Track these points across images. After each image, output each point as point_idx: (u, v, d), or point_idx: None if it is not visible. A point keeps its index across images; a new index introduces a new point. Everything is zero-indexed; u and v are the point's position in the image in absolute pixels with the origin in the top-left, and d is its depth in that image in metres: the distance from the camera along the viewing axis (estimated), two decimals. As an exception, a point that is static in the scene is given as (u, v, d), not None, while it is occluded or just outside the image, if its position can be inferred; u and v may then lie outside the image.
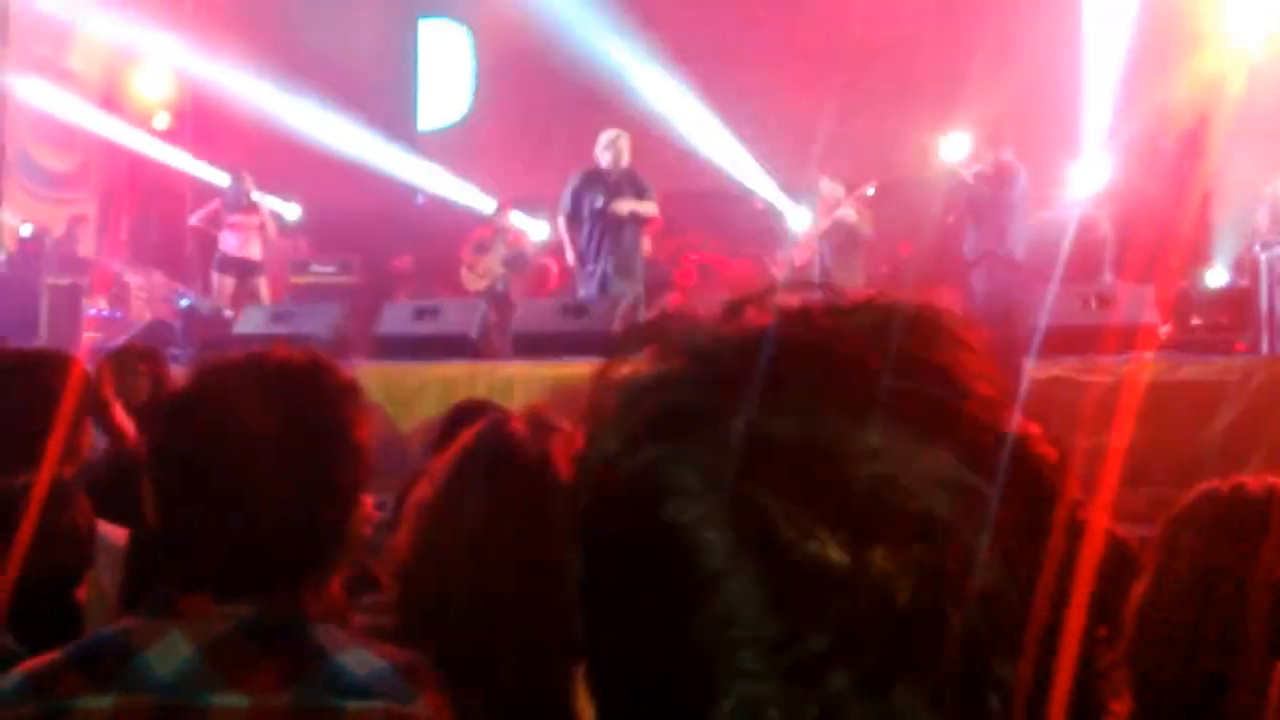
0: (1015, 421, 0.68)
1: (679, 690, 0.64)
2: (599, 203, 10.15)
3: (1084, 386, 7.17)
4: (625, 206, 10.10)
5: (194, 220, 12.95)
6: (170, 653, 1.58)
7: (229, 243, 12.23)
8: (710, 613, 0.62)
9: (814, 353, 0.68)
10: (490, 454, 1.87)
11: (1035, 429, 0.69)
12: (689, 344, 0.71)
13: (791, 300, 0.73)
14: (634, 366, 0.72)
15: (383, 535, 2.34)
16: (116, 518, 2.80)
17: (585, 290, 10.35)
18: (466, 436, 1.93)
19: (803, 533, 0.61)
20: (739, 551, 0.62)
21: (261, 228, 12.29)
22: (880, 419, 0.64)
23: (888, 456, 0.63)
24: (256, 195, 12.47)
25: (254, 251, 12.29)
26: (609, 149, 10.22)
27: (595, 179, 10.28)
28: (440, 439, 3.87)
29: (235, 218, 12.23)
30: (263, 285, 12.40)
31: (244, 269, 12.26)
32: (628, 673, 0.68)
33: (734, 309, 0.72)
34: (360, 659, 1.61)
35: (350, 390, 1.72)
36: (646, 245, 11.89)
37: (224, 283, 12.23)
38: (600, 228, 10.22)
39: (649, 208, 10.23)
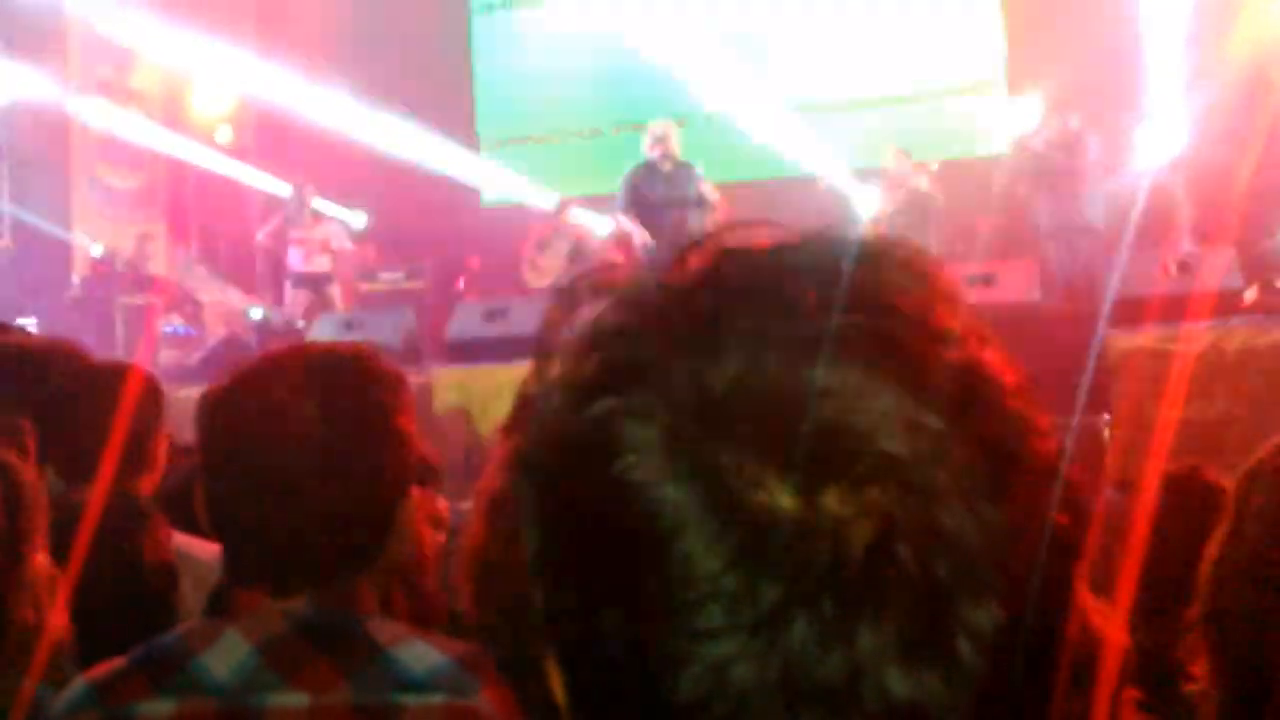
0: (971, 350, 0.66)
1: (644, 657, 0.62)
2: (656, 195, 10.14)
3: (1171, 356, 7.06)
4: (704, 188, 10.11)
5: (260, 237, 13.02)
6: (228, 654, 1.59)
7: (295, 258, 12.32)
8: (667, 572, 0.61)
9: (757, 291, 0.66)
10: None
11: (995, 354, 0.67)
12: (633, 293, 0.69)
13: (737, 240, 0.70)
14: (580, 319, 0.71)
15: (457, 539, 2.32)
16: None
17: None
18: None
19: (751, 481, 0.60)
20: (691, 506, 0.60)
21: (327, 240, 12.34)
22: (827, 356, 0.62)
23: (837, 396, 0.61)
24: (319, 206, 12.54)
25: (322, 264, 12.35)
26: (658, 143, 10.22)
27: (650, 172, 10.28)
28: (509, 428, 3.90)
29: (299, 232, 12.31)
30: (336, 295, 12.48)
31: (315, 282, 12.33)
32: (590, 642, 0.66)
33: (679, 256, 0.71)
34: (418, 653, 1.60)
35: (392, 378, 1.71)
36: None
37: (297, 297, 12.32)
38: (659, 221, 10.19)
39: (711, 193, 10.20)
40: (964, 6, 13.42)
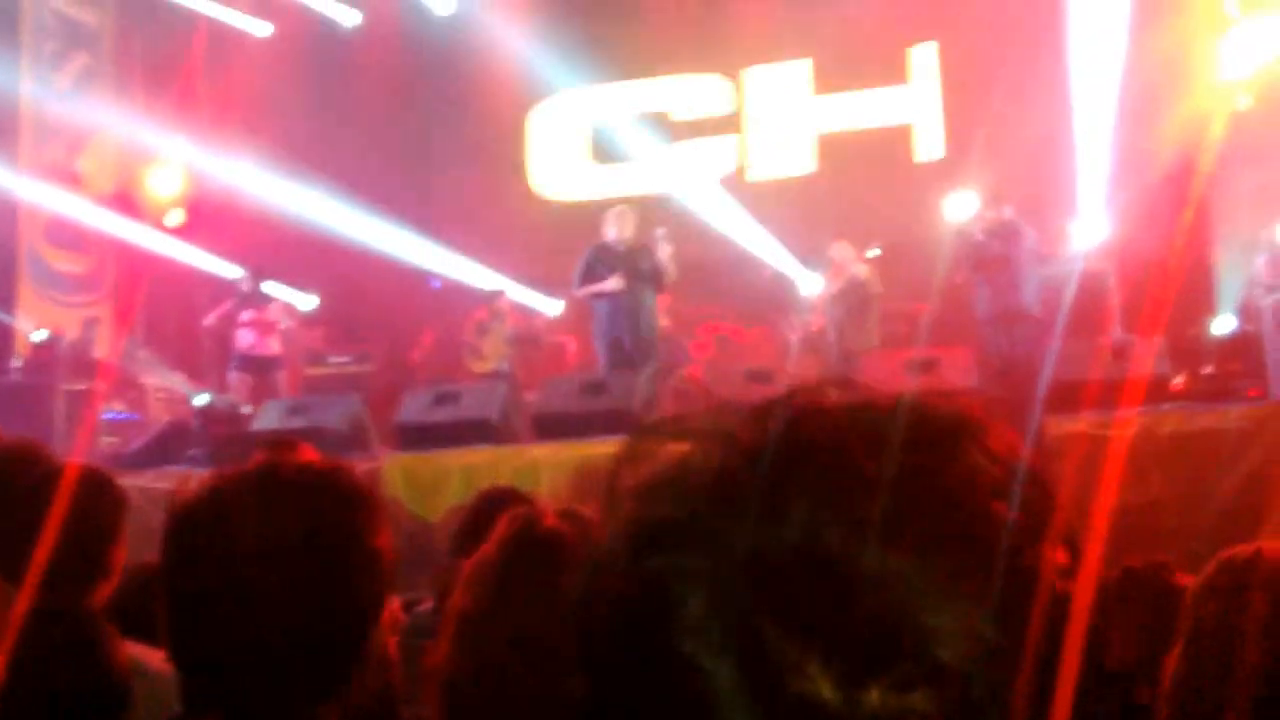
0: (1037, 549, 0.66)
1: None
2: (609, 277, 10.36)
3: (1101, 440, 7.26)
4: (662, 254, 10.34)
5: (209, 321, 12.97)
6: None
7: (245, 340, 12.32)
8: None
9: (822, 463, 0.65)
10: (534, 555, 1.80)
11: (1059, 557, 0.67)
12: (701, 447, 0.69)
13: (808, 399, 0.70)
14: (647, 466, 0.71)
15: (412, 639, 2.29)
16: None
17: (601, 366, 10.53)
18: (500, 536, 1.86)
19: (795, 665, 0.59)
20: (734, 685, 0.60)
21: (276, 323, 12.39)
22: (887, 541, 0.61)
23: (892, 586, 0.60)
24: (269, 290, 12.60)
25: (271, 347, 12.38)
26: (614, 223, 10.46)
27: (604, 253, 10.50)
28: (467, 534, 3.72)
29: (249, 314, 12.33)
30: (281, 380, 12.50)
31: (262, 366, 12.34)
32: None
33: (760, 412, 0.70)
34: None
35: (366, 496, 1.65)
36: (665, 320, 12.11)
37: (242, 381, 12.29)
38: (613, 303, 10.41)
39: (671, 268, 10.43)
40: (906, 96, 13.85)
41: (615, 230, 10.50)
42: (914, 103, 13.86)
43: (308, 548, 1.56)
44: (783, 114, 14.42)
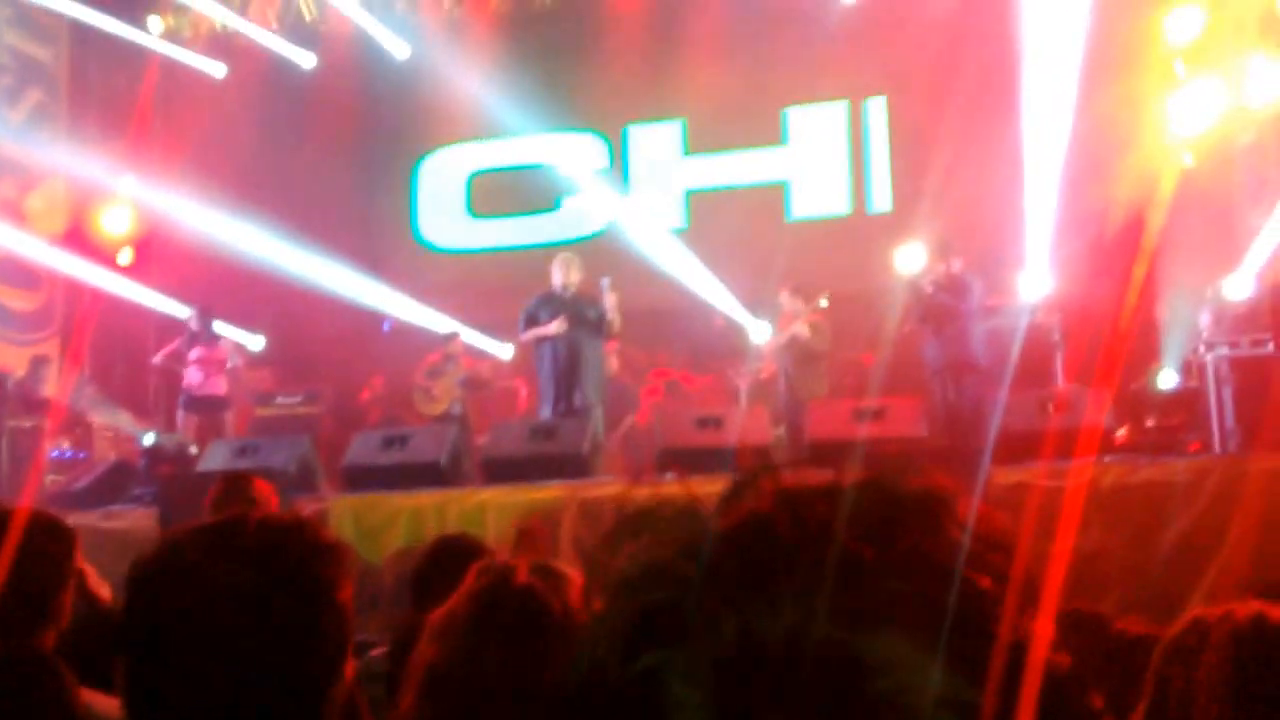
0: (1029, 625, 0.66)
1: None
2: (554, 322, 10.43)
3: (1048, 491, 7.34)
4: (608, 303, 10.40)
5: (157, 360, 12.97)
6: None
7: (193, 379, 12.28)
8: None
9: (811, 546, 0.65)
10: (508, 611, 1.77)
11: (1047, 631, 0.67)
12: (682, 535, 0.69)
13: (789, 483, 0.70)
14: (626, 558, 0.70)
15: (364, 685, 2.26)
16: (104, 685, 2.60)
17: (546, 411, 10.54)
18: (471, 590, 1.83)
19: None
20: None
21: (224, 362, 12.35)
22: (881, 625, 0.61)
23: (889, 672, 0.60)
24: (218, 329, 12.56)
25: (219, 387, 12.36)
26: (559, 269, 10.56)
27: (548, 300, 10.59)
28: (422, 581, 3.78)
29: (198, 353, 12.30)
30: (229, 420, 12.44)
31: (209, 405, 12.31)
32: None
33: (732, 494, 0.71)
34: None
35: (334, 550, 1.63)
36: (614, 364, 12.16)
37: (189, 420, 12.25)
38: (555, 348, 10.47)
39: (614, 318, 10.48)
40: (857, 146, 14.05)
41: (561, 276, 10.60)
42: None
43: (274, 601, 1.54)
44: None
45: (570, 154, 14.66)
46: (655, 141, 14.76)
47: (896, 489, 0.69)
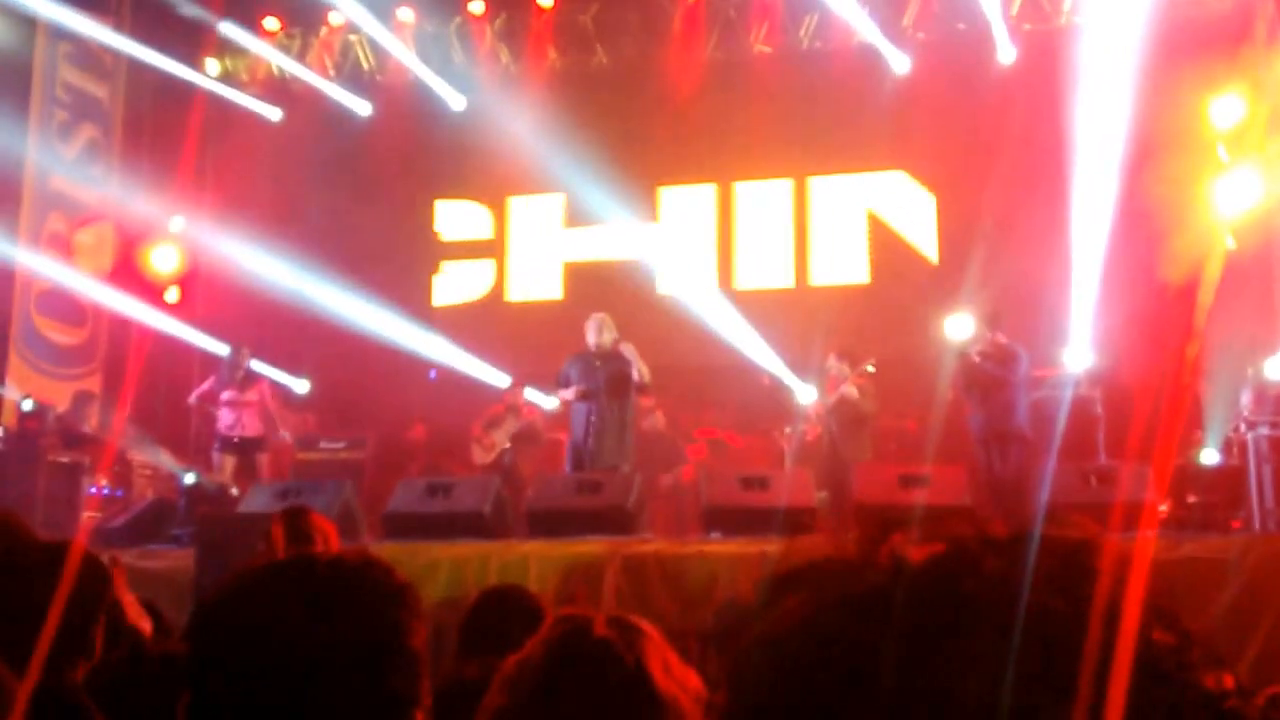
0: (1212, 672, 0.67)
1: None
2: (585, 379, 10.68)
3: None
4: (627, 355, 10.60)
5: (192, 399, 13.11)
6: None
7: (225, 420, 12.38)
8: None
9: (994, 603, 0.63)
10: (583, 662, 1.74)
11: (1227, 679, 0.67)
12: (841, 591, 0.68)
13: (942, 534, 0.70)
14: (780, 617, 0.69)
15: None
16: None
17: (571, 465, 10.76)
18: (547, 638, 1.81)
19: None
20: None
21: (257, 403, 12.47)
22: (1077, 694, 0.60)
23: None
24: (255, 369, 12.69)
25: (252, 428, 12.45)
26: (592, 328, 10.81)
27: (577, 359, 10.86)
28: (470, 633, 3.87)
29: (231, 394, 12.42)
30: (264, 461, 12.56)
31: (243, 446, 12.40)
32: None
33: (870, 543, 0.70)
34: None
35: (406, 593, 1.61)
36: (660, 419, 12.33)
37: (225, 461, 12.35)
38: (590, 404, 10.67)
39: (644, 371, 10.67)
40: (908, 212, 14.34)
41: (594, 336, 10.82)
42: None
43: (347, 645, 1.52)
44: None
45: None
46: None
47: (1072, 544, 0.68)
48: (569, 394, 10.75)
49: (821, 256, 14.60)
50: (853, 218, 14.54)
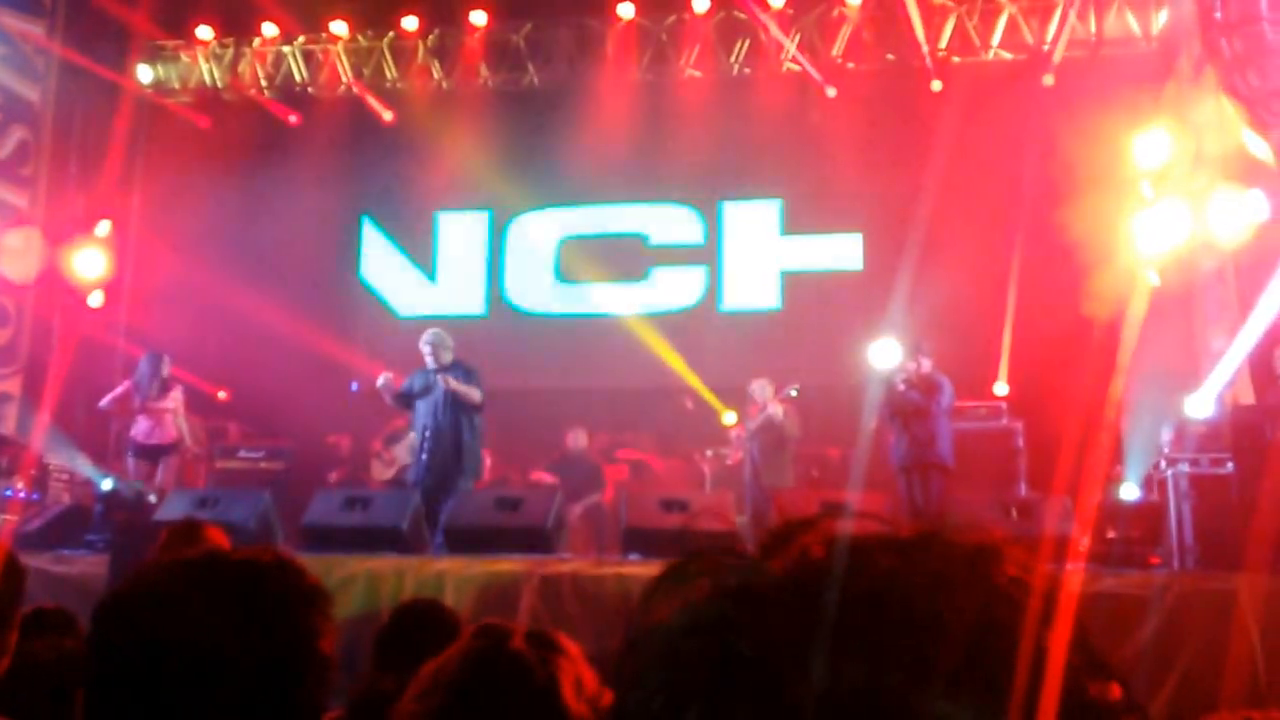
0: (1098, 681, 0.64)
1: None
2: (422, 393, 10.40)
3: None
4: (450, 384, 10.30)
5: (103, 404, 12.56)
6: None
7: (140, 427, 11.96)
8: None
9: (878, 598, 0.62)
10: (498, 674, 1.70)
11: (1116, 691, 0.64)
12: (738, 582, 0.65)
13: (842, 531, 0.67)
14: (673, 606, 0.66)
15: None
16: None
17: (414, 476, 10.46)
18: (464, 649, 1.76)
19: None
20: None
21: (172, 410, 12.02)
22: (950, 682, 0.59)
23: None
24: (171, 377, 12.21)
25: (166, 436, 12.00)
26: (427, 345, 10.51)
27: (423, 374, 10.55)
28: (386, 646, 3.75)
29: (148, 401, 11.98)
30: (174, 467, 12.09)
31: (156, 453, 11.97)
32: None
33: (779, 539, 0.67)
34: None
35: (318, 594, 1.52)
36: (582, 439, 12.03)
37: (139, 467, 11.92)
38: (426, 419, 10.37)
39: (471, 392, 10.36)
40: (834, 239, 14.07)
41: (430, 351, 10.52)
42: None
43: (255, 646, 1.41)
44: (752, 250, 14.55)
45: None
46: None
47: (958, 542, 0.66)
48: (384, 384, 10.44)
49: (744, 280, 14.26)
50: (776, 241, 14.24)
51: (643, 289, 14.30)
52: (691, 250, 14.42)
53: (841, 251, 13.96)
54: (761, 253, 14.23)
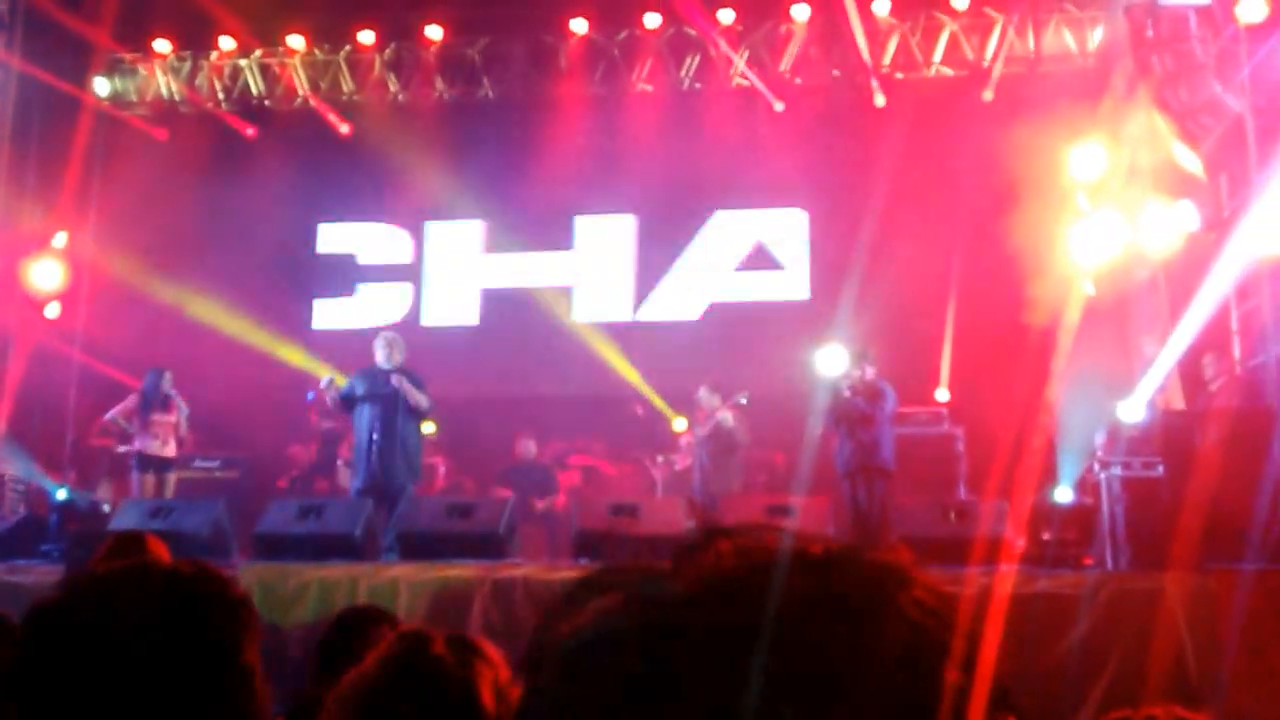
0: (991, 714, 0.64)
1: None
2: (368, 396, 10.30)
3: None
4: (405, 385, 10.23)
5: (109, 416, 12.37)
6: None
7: (148, 441, 11.80)
8: None
9: (779, 622, 0.62)
10: (414, 681, 1.70)
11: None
12: (643, 598, 0.65)
13: (743, 546, 0.67)
14: (580, 621, 0.66)
15: None
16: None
17: (358, 481, 10.34)
18: (384, 656, 1.76)
19: None
20: None
21: (177, 425, 11.94)
22: (852, 715, 0.59)
23: None
24: (172, 392, 12.12)
25: (170, 449, 11.93)
26: (381, 347, 10.42)
27: (369, 375, 10.44)
28: (328, 651, 3.74)
29: (154, 415, 11.86)
30: (171, 480, 11.98)
31: (162, 465, 11.86)
32: None
33: (695, 548, 0.67)
34: None
35: (241, 607, 1.51)
36: (531, 448, 12.00)
37: (145, 481, 11.76)
38: (373, 421, 10.28)
39: (421, 398, 10.31)
40: (782, 247, 14.11)
41: (382, 353, 10.43)
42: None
43: (178, 657, 1.41)
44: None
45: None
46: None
47: (867, 562, 0.66)
48: (327, 385, 10.44)
49: (687, 289, 14.28)
50: (726, 250, 14.28)
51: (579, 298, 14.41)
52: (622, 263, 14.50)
53: (789, 261, 14.01)
54: (716, 261, 14.28)
